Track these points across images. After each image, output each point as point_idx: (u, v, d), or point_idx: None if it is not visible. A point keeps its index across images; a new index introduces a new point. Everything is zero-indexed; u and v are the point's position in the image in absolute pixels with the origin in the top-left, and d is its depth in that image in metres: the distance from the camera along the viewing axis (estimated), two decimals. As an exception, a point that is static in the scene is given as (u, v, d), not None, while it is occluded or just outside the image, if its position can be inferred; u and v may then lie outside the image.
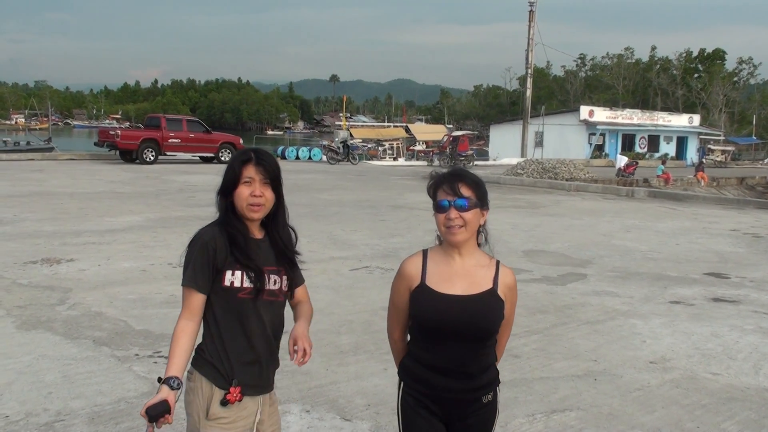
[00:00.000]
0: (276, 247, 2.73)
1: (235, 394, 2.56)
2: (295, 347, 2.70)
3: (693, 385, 5.61)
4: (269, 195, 2.64)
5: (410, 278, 2.72)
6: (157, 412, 2.43)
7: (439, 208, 2.71)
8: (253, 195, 2.59)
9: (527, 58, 49.82)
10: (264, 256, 2.67)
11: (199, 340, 2.66)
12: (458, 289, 2.69)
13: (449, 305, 2.65)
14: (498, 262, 2.85)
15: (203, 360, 2.62)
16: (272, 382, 2.77)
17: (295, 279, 2.82)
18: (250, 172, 2.60)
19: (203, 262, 2.57)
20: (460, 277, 2.72)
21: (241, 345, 2.60)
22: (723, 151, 59.73)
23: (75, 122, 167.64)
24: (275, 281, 2.66)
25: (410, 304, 2.72)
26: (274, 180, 2.65)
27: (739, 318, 7.77)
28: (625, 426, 4.77)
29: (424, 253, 2.78)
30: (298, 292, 2.88)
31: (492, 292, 2.75)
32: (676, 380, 5.73)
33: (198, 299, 2.59)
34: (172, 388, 2.48)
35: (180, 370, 2.53)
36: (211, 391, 2.58)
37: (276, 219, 2.74)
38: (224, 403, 2.55)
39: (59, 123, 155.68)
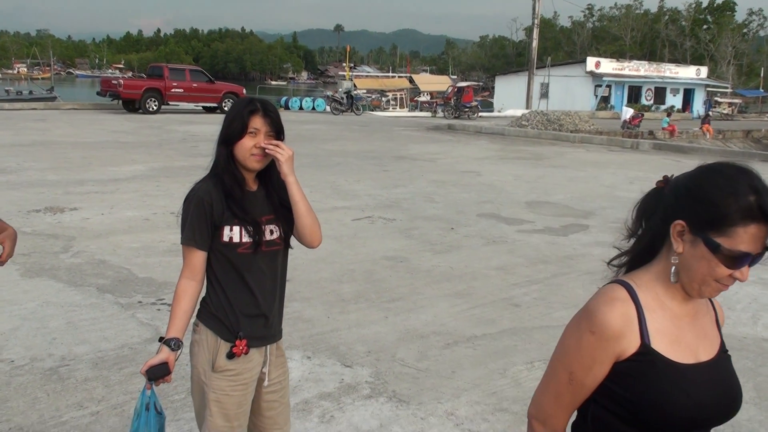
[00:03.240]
0: (271, 197, 2.70)
1: (241, 347, 2.57)
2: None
3: (691, 335, 5.65)
4: None
5: (617, 338, 1.63)
6: (157, 375, 2.47)
7: (734, 259, 1.59)
8: (257, 146, 2.56)
9: (534, 8, 49.12)
10: (260, 207, 2.64)
11: (204, 293, 2.67)
12: (702, 352, 1.72)
13: (702, 384, 1.68)
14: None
15: (208, 313, 2.62)
16: (279, 331, 2.77)
17: (292, 225, 2.77)
18: (257, 123, 2.55)
19: (200, 218, 2.55)
20: (692, 331, 1.73)
21: (245, 298, 2.60)
22: (730, 104, 59.26)
23: (77, 72, 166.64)
24: (272, 231, 2.64)
25: (618, 382, 1.65)
26: (277, 132, 2.62)
27: (740, 269, 7.79)
28: (622, 374, 4.82)
29: (630, 292, 1.69)
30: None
31: (724, 349, 1.80)
32: (675, 330, 5.77)
33: (199, 257, 2.58)
34: (171, 349, 2.50)
35: (180, 331, 2.55)
36: (217, 344, 2.58)
37: (272, 170, 2.70)
38: (230, 356, 2.56)
39: (61, 72, 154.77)
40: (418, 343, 5.25)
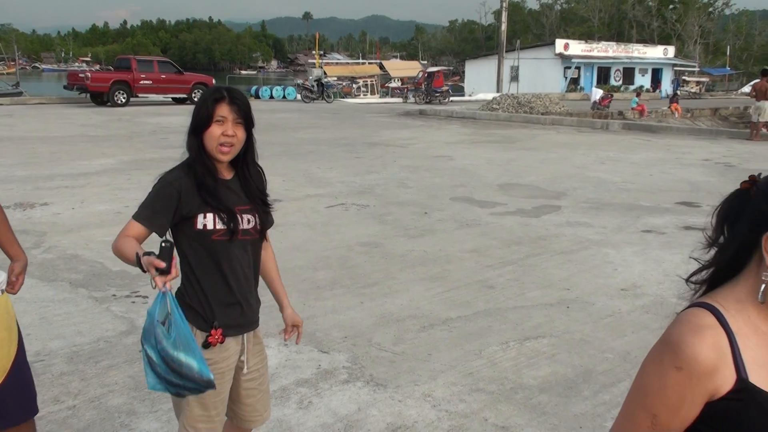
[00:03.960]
0: (247, 186, 2.69)
1: (216, 336, 2.56)
2: (292, 329, 2.90)
3: (663, 311, 5.74)
4: (241, 135, 2.58)
5: (710, 374, 1.35)
6: (166, 268, 2.20)
7: None
8: (225, 134, 2.53)
9: (502, -8, 49.18)
10: (235, 196, 2.63)
11: (179, 284, 2.65)
12: None
13: None
14: None
15: (183, 303, 2.60)
16: (256, 319, 2.77)
17: (267, 218, 2.78)
18: (224, 111, 2.53)
19: (163, 202, 2.51)
20: None
21: (220, 287, 2.59)
22: (697, 83, 59.85)
23: (43, 66, 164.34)
24: (248, 220, 2.63)
25: (712, 425, 1.38)
26: (246, 119, 2.61)
27: (709, 245, 7.90)
28: (596, 350, 4.90)
29: (719, 317, 1.40)
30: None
31: None
32: (647, 306, 5.86)
33: (143, 232, 2.52)
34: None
35: (140, 249, 2.38)
36: (192, 334, 2.59)
37: (246, 158, 2.69)
38: (206, 345, 2.55)
39: (27, 67, 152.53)
40: (394, 327, 5.28)
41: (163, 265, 2.19)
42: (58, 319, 5.31)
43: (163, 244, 2.24)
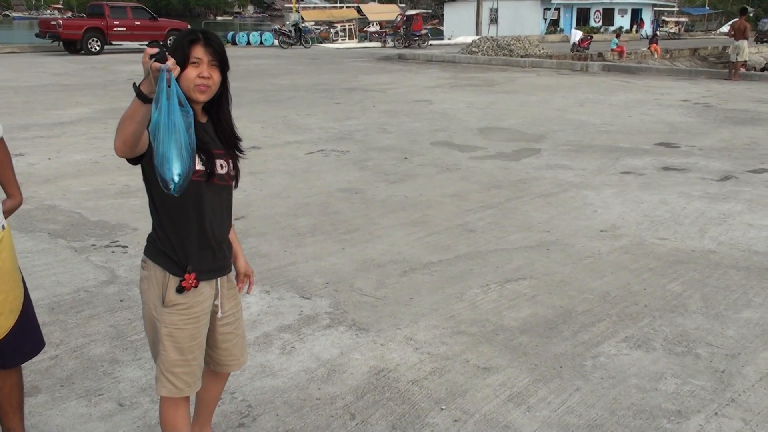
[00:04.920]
0: (221, 131, 2.67)
1: (190, 281, 2.55)
2: (244, 279, 2.93)
3: (641, 251, 5.80)
4: (216, 77, 2.55)
5: None
6: (161, 54, 2.20)
7: None
8: (201, 76, 2.50)
9: (480, -68, 48.40)
10: (211, 140, 2.61)
11: (149, 230, 2.63)
12: None
13: None
14: None
15: (155, 249, 2.59)
16: (229, 263, 2.78)
17: (237, 162, 2.75)
18: (199, 52, 2.50)
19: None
20: None
21: (193, 230, 2.57)
22: (677, 23, 59.57)
23: (14, 14, 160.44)
24: (222, 165, 2.61)
25: None
26: (221, 62, 2.57)
27: (687, 185, 7.97)
28: (575, 291, 4.94)
29: None
30: None
31: None
32: (626, 247, 5.91)
33: None
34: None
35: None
36: (165, 279, 2.56)
37: (220, 103, 2.66)
38: (180, 290, 2.54)
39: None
40: (376, 273, 5.30)
41: (155, 49, 2.20)
42: (38, 269, 5.28)
43: (150, 41, 2.20)
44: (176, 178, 2.25)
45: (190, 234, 2.56)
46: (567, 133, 11.20)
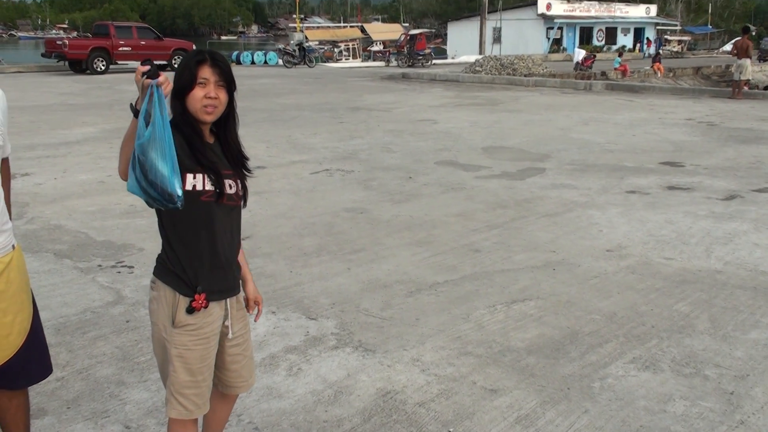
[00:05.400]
0: (229, 151, 2.68)
1: (200, 301, 2.55)
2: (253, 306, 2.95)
3: (648, 270, 5.78)
4: (223, 97, 2.57)
5: None
6: (152, 71, 2.27)
7: None
8: (208, 96, 2.52)
9: (483, -48, 48.70)
10: (219, 160, 2.63)
11: (156, 250, 2.63)
12: None
13: None
14: None
15: (165, 269, 2.59)
16: (239, 284, 2.78)
17: (245, 183, 2.77)
18: (205, 73, 2.52)
19: None
20: None
21: (204, 250, 2.57)
22: (679, 41, 59.76)
23: (20, 33, 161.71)
24: (231, 185, 2.62)
25: None
26: (228, 82, 2.59)
27: (693, 204, 7.96)
28: (582, 312, 4.93)
29: None
30: None
31: None
32: (632, 266, 5.89)
33: None
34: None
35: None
36: (176, 299, 2.57)
37: (227, 123, 2.68)
38: (190, 310, 2.54)
39: (3, 35, 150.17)
40: (382, 293, 5.29)
41: (147, 66, 2.25)
42: (44, 290, 5.28)
43: (143, 60, 2.30)
44: (179, 192, 2.28)
45: (201, 254, 2.57)
46: (571, 153, 11.21)
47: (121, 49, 28.54)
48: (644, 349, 4.34)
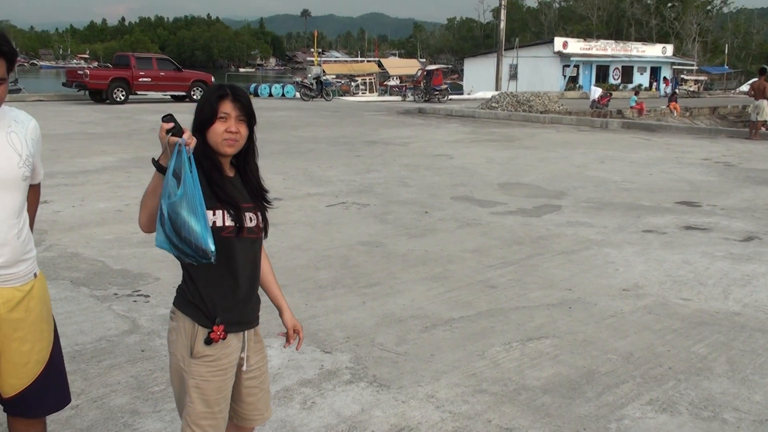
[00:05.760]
0: (249, 184, 2.71)
1: (219, 333, 2.56)
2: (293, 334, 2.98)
3: (665, 311, 5.74)
4: (244, 131, 2.61)
5: None
6: (176, 128, 2.31)
7: None
8: (229, 131, 2.56)
9: (501, -10, 49.12)
10: (239, 193, 2.65)
11: (172, 279, 2.65)
12: None
13: None
14: None
15: (185, 300, 2.61)
16: (257, 316, 2.79)
17: (265, 215, 2.80)
18: (227, 108, 2.56)
19: None
20: None
21: (224, 283, 2.59)
22: (696, 81, 59.87)
23: (41, 62, 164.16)
24: (251, 218, 2.64)
25: None
26: (248, 116, 2.63)
27: (710, 245, 7.92)
28: (599, 351, 4.89)
29: None
30: None
31: None
32: (649, 306, 5.85)
33: None
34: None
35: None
36: (194, 330, 2.58)
37: (247, 156, 2.71)
38: (208, 341, 2.55)
39: (25, 64, 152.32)
40: (397, 328, 5.27)
41: (171, 124, 2.30)
42: (60, 317, 5.28)
43: (164, 116, 2.35)
44: (213, 248, 2.34)
45: (222, 287, 2.58)
46: (588, 190, 11.20)
47: (141, 79, 28.87)
48: (661, 390, 4.30)
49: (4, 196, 2.67)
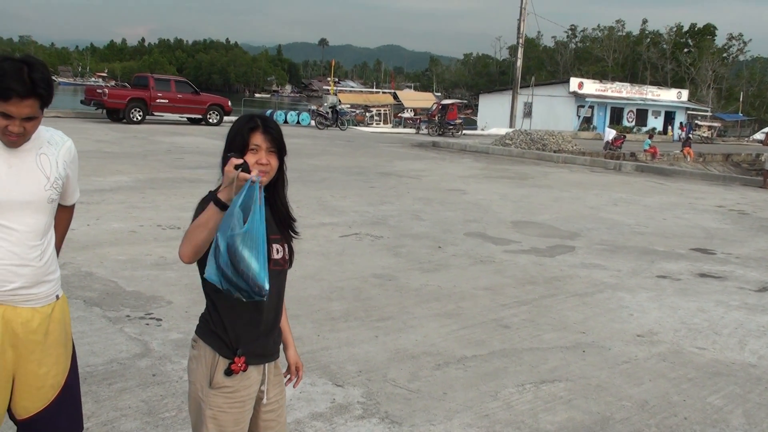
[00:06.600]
0: (278, 214, 2.71)
1: (239, 364, 2.54)
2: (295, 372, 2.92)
3: (679, 359, 5.68)
4: (274, 163, 2.61)
5: None
6: (245, 164, 2.35)
7: None
8: (259, 163, 2.56)
9: (519, 28, 49.47)
10: (267, 225, 2.64)
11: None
12: None
13: None
14: None
15: (208, 329, 2.60)
16: (278, 349, 2.76)
17: (291, 246, 2.79)
18: (257, 139, 2.56)
19: None
20: None
21: (247, 315, 2.57)
22: (709, 127, 59.92)
23: (60, 79, 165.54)
24: (278, 250, 2.64)
25: None
26: (279, 149, 2.63)
27: (725, 294, 7.86)
28: (613, 397, 4.84)
29: None
30: None
31: None
32: (663, 354, 5.80)
33: None
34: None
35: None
36: (215, 360, 2.56)
37: (276, 187, 2.71)
38: (228, 372, 2.53)
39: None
40: (409, 364, 5.23)
41: (240, 160, 2.34)
42: (73, 337, 5.27)
43: (230, 152, 2.42)
44: (267, 286, 2.33)
45: (245, 318, 2.57)
46: (601, 232, 11.17)
47: (158, 101, 29.07)
48: (677, 441, 4.24)
49: (28, 217, 2.66)
